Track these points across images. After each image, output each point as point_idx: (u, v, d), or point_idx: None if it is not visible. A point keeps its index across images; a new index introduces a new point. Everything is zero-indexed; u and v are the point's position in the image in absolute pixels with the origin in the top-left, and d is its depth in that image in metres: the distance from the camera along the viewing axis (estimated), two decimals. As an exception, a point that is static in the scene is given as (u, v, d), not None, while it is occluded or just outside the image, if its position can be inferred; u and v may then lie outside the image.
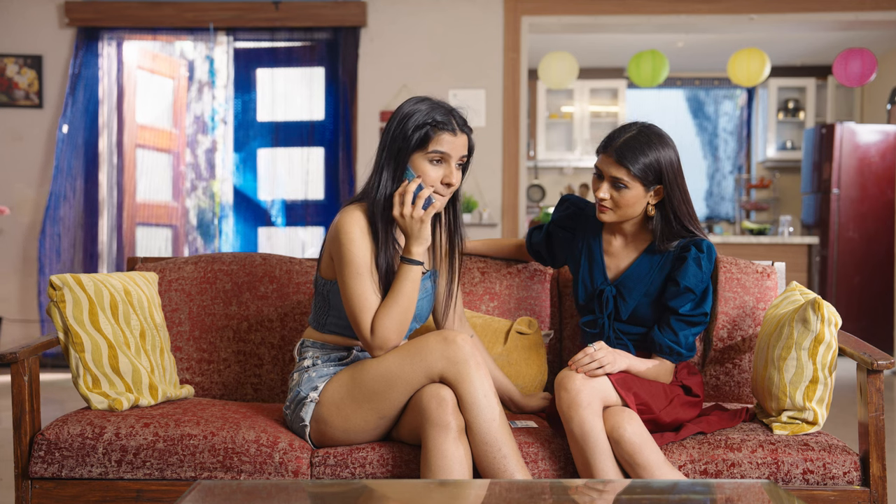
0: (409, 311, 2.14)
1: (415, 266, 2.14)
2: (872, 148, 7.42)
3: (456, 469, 2.01)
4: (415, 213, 2.12)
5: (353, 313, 2.14)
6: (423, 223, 2.13)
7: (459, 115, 2.21)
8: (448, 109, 2.19)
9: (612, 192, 2.29)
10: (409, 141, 2.16)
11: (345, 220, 2.16)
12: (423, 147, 2.16)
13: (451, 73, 6.26)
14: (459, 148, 2.18)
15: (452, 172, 2.18)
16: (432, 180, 2.17)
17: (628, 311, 2.34)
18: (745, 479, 2.15)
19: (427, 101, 2.20)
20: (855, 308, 7.21)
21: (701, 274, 2.28)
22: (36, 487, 2.21)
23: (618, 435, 2.10)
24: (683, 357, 2.31)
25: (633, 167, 2.25)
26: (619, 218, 2.32)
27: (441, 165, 2.18)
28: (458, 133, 2.18)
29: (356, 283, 2.13)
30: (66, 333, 2.30)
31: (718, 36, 7.54)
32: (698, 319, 2.30)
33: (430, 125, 2.15)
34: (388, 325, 2.12)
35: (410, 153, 2.17)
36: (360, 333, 2.15)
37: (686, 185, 2.35)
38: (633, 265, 2.37)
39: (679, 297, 2.28)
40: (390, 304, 2.13)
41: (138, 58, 6.50)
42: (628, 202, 2.28)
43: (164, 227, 6.68)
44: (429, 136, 2.15)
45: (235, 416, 2.31)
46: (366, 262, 2.14)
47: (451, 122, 2.17)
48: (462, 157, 2.20)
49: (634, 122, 2.34)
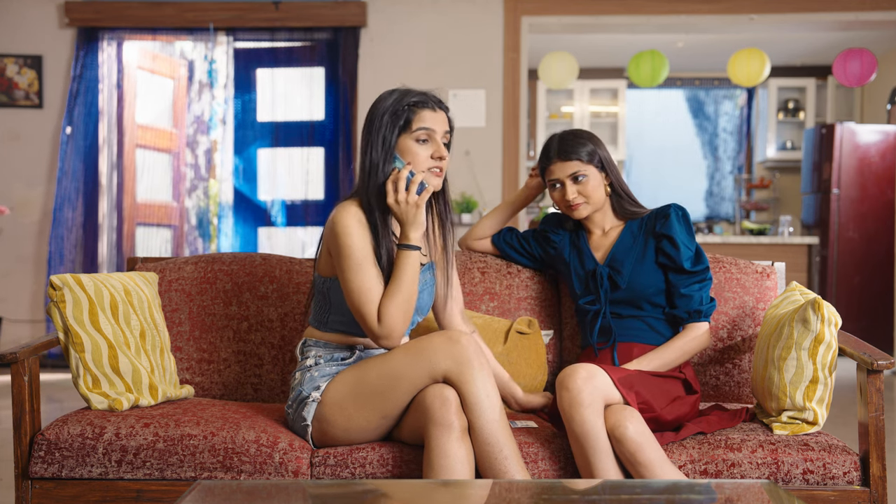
0: (412, 297, 2.16)
1: (413, 251, 2.16)
2: (872, 148, 7.42)
3: (459, 469, 2.02)
4: (409, 198, 2.15)
5: (357, 305, 2.15)
6: (419, 208, 2.16)
7: (434, 94, 2.27)
8: (421, 91, 2.25)
9: (577, 188, 2.48)
10: (393, 127, 2.20)
11: (340, 214, 2.18)
12: (407, 129, 2.20)
13: (451, 73, 6.26)
14: (441, 123, 2.23)
15: (440, 147, 2.22)
16: (423, 159, 2.20)
17: (626, 281, 2.43)
18: (745, 479, 2.15)
19: (398, 90, 2.25)
20: (855, 308, 7.21)
21: (688, 228, 2.44)
22: (36, 487, 2.21)
23: (619, 433, 2.10)
24: (708, 311, 2.42)
25: (582, 156, 2.47)
26: (592, 208, 2.50)
27: (428, 144, 2.22)
28: (436, 110, 2.23)
29: (357, 274, 2.14)
30: (66, 333, 2.30)
31: (718, 36, 7.54)
32: (702, 276, 2.42)
33: (409, 107, 2.20)
34: (393, 312, 2.13)
35: (396, 139, 2.20)
36: (365, 325, 2.15)
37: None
38: (617, 241, 2.51)
39: (676, 251, 2.41)
40: (394, 291, 2.14)
41: (138, 58, 6.50)
42: (593, 188, 2.48)
43: (164, 227, 6.68)
44: (410, 116, 2.20)
45: (235, 417, 2.31)
46: (365, 253, 2.16)
47: (428, 101, 2.23)
48: (445, 132, 2.25)
49: (553, 133, 2.59)
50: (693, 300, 2.40)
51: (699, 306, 2.41)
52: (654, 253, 2.45)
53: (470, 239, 2.77)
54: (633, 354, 2.41)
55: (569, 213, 2.52)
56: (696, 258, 2.43)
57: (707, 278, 2.43)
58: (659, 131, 9.53)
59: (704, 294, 2.42)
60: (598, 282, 2.46)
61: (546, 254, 2.65)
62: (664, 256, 2.43)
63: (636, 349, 2.42)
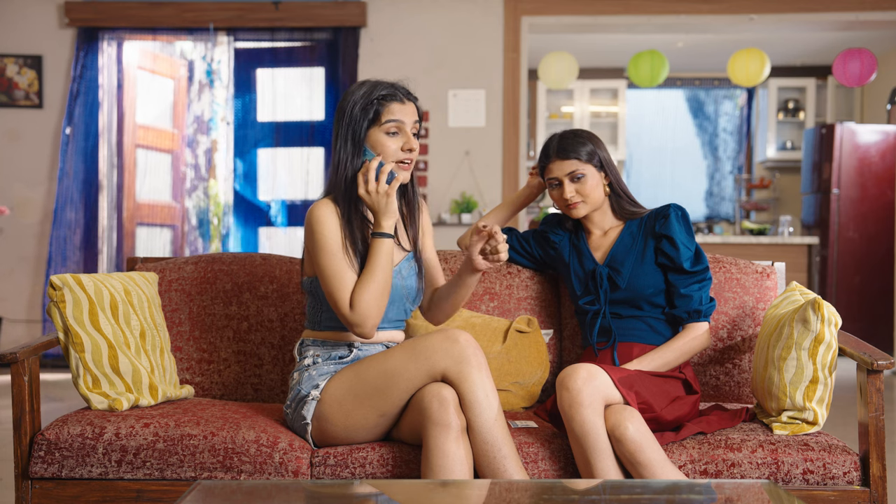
0: (386, 284, 2.18)
1: (387, 239, 2.19)
2: (872, 148, 7.42)
3: (457, 468, 2.02)
4: (380, 188, 2.18)
5: (331, 292, 2.18)
6: (389, 197, 2.18)
7: (402, 86, 2.28)
8: (390, 83, 2.27)
9: (576, 187, 2.48)
10: (362, 120, 2.22)
11: (314, 209, 2.23)
12: (376, 122, 2.22)
13: (451, 73, 6.26)
14: (410, 114, 2.25)
15: (410, 138, 2.24)
16: (392, 151, 2.23)
17: (625, 281, 2.43)
18: (745, 479, 2.15)
19: (368, 82, 2.27)
20: (855, 308, 7.21)
21: (688, 229, 2.45)
22: (36, 487, 2.21)
23: (619, 433, 2.10)
24: (708, 311, 2.42)
25: (580, 155, 2.47)
26: (590, 207, 2.50)
27: (398, 136, 2.24)
28: (405, 101, 2.25)
29: (331, 262, 2.18)
30: (66, 333, 2.30)
31: (718, 36, 7.54)
32: (702, 276, 2.43)
33: (378, 100, 2.22)
34: (366, 298, 2.15)
35: (366, 132, 2.23)
36: (339, 311, 2.17)
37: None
38: (617, 241, 2.51)
39: (676, 252, 2.41)
40: (367, 278, 2.17)
41: (138, 58, 6.50)
42: (592, 187, 2.48)
43: (165, 227, 6.68)
44: (379, 109, 2.22)
45: (235, 416, 2.31)
46: (338, 242, 2.20)
47: (396, 93, 2.24)
48: (414, 122, 2.27)
49: (553, 133, 2.60)
50: (693, 300, 2.41)
51: (699, 306, 2.41)
52: (654, 253, 2.46)
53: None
54: (634, 354, 2.41)
55: (567, 212, 2.52)
56: (695, 258, 2.43)
57: (707, 278, 2.44)
58: (659, 131, 9.53)
59: (704, 294, 2.43)
60: (598, 282, 2.46)
61: (546, 254, 2.66)
62: (664, 257, 2.43)
63: (636, 349, 2.42)
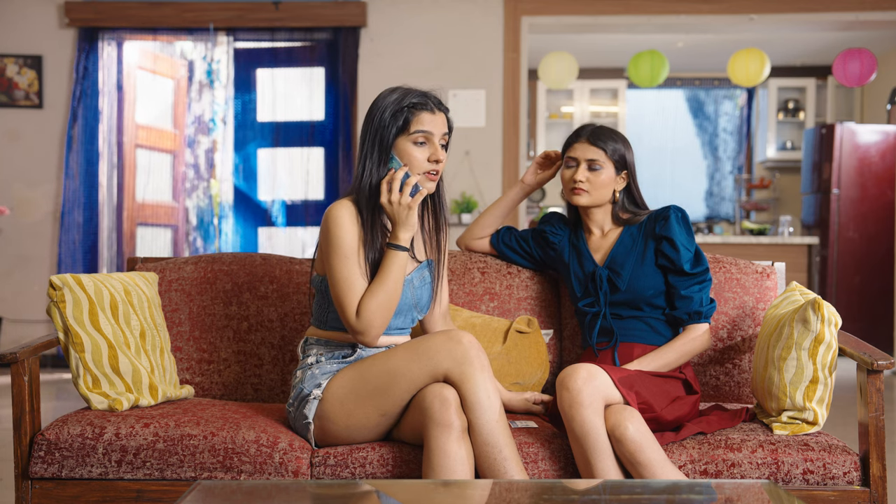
0: (395, 295, 2.16)
1: (401, 252, 2.17)
2: (872, 148, 7.42)
3: (458, 469, 2.02)
4: (402, 199, 2.16)
5: (338, 296, 2.16)
6: (411, 209, 2.17)
7: (434, 95, 2.25)
8: (422, 92, 2.24)
9: (588, 175, 2.47)
10: (391, 127, 2.20)
11: (333, 209, 2.20)
12: (405, 130, 2.20)
13: (452, 73, 6.25)
14: (440, 125, 2.23)
15: (438, 150, 2.22)
16: (419, 162, 2.20)
17: (625, 283, 2.43)
18: (745, 479, 2.15)
19: (400, 89, 2.24)
20: (855, 308, 7.21)
21: (687, 230, 2.45)
22: (36, 487, 2.21)
23: (619, 433, 2.10)
24: (708, 312, 2.42)
25: (607, 149, 2.47)
26: (592, 201, 2.49)
27: (426, 146, 2.21)
28: (436, 112, 2.22)
29: (343, 265, 2.16)
30: (66, 333, 2.30)
31: (718, 36, 7.54)
32: (702, 277, 2.42)
33: (408, 108, 2.20)
34: (373, 308, 2.14)
35: (393, 139, 2.20)
36: (344, 317, 2.16)
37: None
38: (617, 243, 2.51)
39: (676, 253, 2.41)
40: (376, 288, 2.15)
41: (138, 58, 6.49)
42: (603, 183, 2.47)
43: (165, 227, 6.68)
44: (409, 118, 2.19)
45: (235, 417, 2.31)
46: (353, 246, 2.17)
47: (427, 102, 2.22)
48: (444, 134, 2.24)
49: (590, 122, 2.60)
50: (693, 301, 2.40)
51: (699, 307, 2.41)
52: (654, 255, 2.45)
53: (468, 238, 2.77)
54: (634, 355, 2.41)
55: (569, 195, 2.51)
56: (695, 260, 2.43)
57: (707, 279, 2.44)
58: (659, 131, 9.52)
59: (704, 295, 2.42)
60: (598, 284, 2.46)
61: (546, 255, 2.65)
62: (664, 258, 2.43)
63: (637, 349, 2.42)
